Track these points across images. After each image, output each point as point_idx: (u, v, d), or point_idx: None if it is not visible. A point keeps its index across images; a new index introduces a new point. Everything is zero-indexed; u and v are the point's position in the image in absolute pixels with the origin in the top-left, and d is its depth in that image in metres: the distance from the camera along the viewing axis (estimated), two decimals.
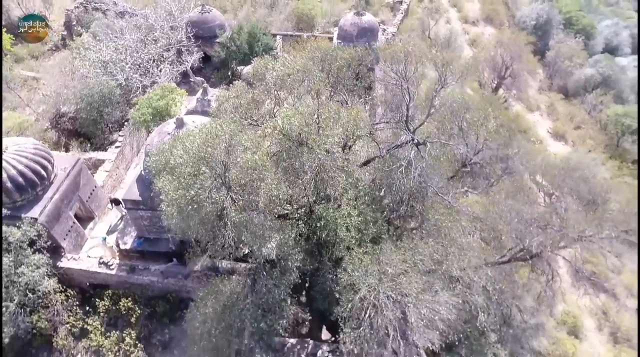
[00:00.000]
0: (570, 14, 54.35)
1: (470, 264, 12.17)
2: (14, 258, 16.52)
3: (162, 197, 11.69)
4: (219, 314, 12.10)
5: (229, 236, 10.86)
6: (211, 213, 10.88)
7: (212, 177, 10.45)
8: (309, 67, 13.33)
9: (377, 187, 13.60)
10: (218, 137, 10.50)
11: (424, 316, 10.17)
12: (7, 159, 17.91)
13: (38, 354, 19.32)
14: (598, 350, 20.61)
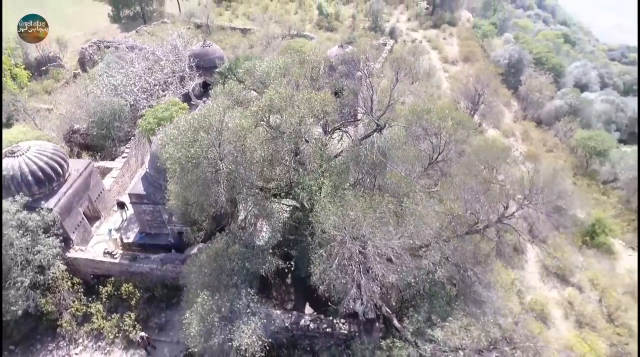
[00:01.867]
0: (540, 55, 59.58)
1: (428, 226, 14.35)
2: (32, 239, 18.57)
3: (167, 164, 14.06)
4: (211, 259, 14.06)
5: (222, 190, 13.17)
6: (207, 169, 13.23)
7: (208, 140, 12.96)
8: (289, 65, 16.39)
9: (346, 165, 16.08)
10: (214, 111, 13.17)
11: (379, 250, 12.27)
12: (30, 156, 20.48)
13: (43, 339, 20.72)
14: (564, 335, 22.13)
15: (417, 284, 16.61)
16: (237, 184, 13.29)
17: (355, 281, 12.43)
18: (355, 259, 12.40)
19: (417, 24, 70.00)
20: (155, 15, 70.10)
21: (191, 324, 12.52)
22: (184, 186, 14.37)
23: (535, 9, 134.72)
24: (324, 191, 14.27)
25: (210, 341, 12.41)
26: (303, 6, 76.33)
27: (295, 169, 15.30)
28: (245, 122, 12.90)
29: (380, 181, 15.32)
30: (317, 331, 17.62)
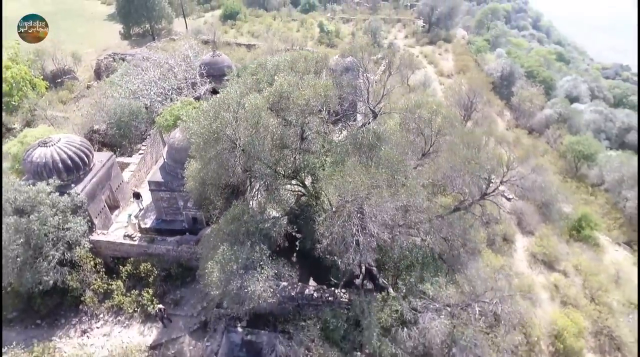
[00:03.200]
0: (531, 68, 62.52)
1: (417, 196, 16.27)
2: (62, 218, 20.54)
3: (192, 139, 16.13)
4: (229, 222, 15.96)
5: (238, 162, 15.20)
6: (225, 144, 15.27)
7: (227, 117, 15.04)
8: (296, 59, 18.71)
9: (346, 147, 18.14)
10: (232, 93, 15.34)
11: (374, 211, 14.18)
12: (60, 146, 22.68)
13: (66, 314, 22.43)
14: (549, 312, 23.76)
15: (410, 255, 18.54)
16: (251, 157, 15.34)
17: (354, 237, 14.33)
18: (354, 220, 14.33)
19: (414, 41, 73.36)
20: (163, 32, 73.69)
21: (212, 273, 14.34)
22: (204, 162, 16.44)
23: (530, 29, 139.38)
24: (326, 167, 16.34)
25: (229, 286, 14.25)
26: (305, 24, 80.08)
27: (301, 153, 17.37)
28: (260, 102, 15.06)
29: (375, 161, 17.37)
30: (320, 299, 19.40)
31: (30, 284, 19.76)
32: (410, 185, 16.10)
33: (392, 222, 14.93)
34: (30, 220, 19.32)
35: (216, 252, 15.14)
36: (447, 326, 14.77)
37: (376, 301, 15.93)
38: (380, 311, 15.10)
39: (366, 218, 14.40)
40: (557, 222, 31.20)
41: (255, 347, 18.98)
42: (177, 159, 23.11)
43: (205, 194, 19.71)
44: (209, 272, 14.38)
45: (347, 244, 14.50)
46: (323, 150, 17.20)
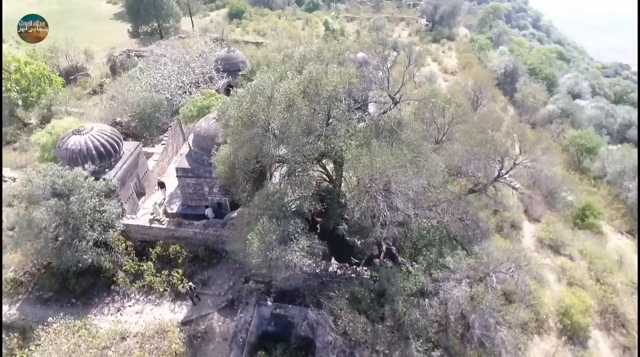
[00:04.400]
0: (533, 66, 63.90)
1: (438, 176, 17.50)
2: (98, 201, 21.73)
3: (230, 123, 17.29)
4: (263, 199, 17.16)
5: (271, 144, 16.41)
6: (260, 129, 16.46)
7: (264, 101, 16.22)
8: (322, 50, 19.96)
9: (369, 132, 19.34)
10: (267, 79, 16.57)
11: (400, 188, 15.40)
12: (93, 134, 23.89)
13: (99, 294, 23.58)
14: (556, 291, 25.01)
15: (428, 235, 19.76)
16: (282, 141, 16.54)
17: (382, 212, 15.53)
18: (381, 196, 15.53)
19: (418, 39, 74.68)
20: (171, 31, 74.92)
21: (253, 243, 15.53)
22: (238, 146, 17.64)
23: (530, 29, 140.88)
24: (351, 149, 17.54)
25: (268, 254, 15.46)
26: (310, 23, 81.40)
27: (326, 137, 18.55)
28: (294, 87, 16.27)
29: (397, 144, 18.59)
30: (343, 276, 20.61)
31: (70, 263, 20.92)
32: (430, 165, 17.33)
33: (416, 200, 16.15)
34: (70, 202, 20.49)
35: (251, 226, 16.35)
36: (468, 292, 15.99)
37: (401, 272, 17.14)
38: (405, 280, 16.30)
39: (393, 195, 15.61)
40: (562, 210, 32.54)
41: (283, 321, 20.17)
42: (203, 146, 24.33)
43: (234, 178, 20.93)
44: (249, 243, 15.56)
45: (375, 219, 15.72)
46: (348, 135, 18.39)
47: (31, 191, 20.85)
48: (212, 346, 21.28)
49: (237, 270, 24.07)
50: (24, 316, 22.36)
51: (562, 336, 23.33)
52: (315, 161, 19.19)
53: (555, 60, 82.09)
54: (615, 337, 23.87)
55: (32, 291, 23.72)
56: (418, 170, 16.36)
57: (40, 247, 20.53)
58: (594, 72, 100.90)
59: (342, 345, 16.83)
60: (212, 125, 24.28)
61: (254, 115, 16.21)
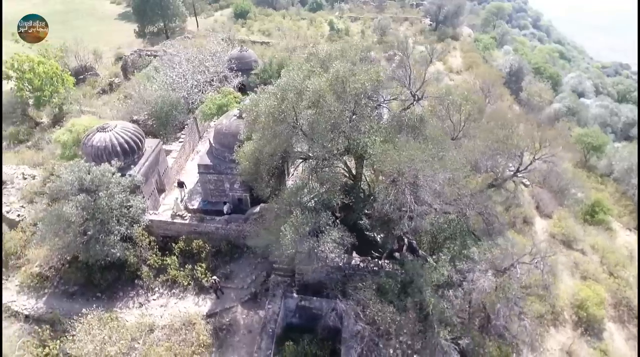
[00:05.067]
0: (538, 65, 64.49)
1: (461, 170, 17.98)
2: (125, 197, 22.18)
3: (262, 118, 17.75)
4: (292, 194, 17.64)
5: (301, 137, 16.89)
6: (289, 122, 16.92)
7: (295, 98, 16.69)
8: (346, 49, 20.48)
9: (392, 128, 19.81)
10: (297, 77, 17.03)
11: (428, 178, 15.90)
12: (117, 132, 24.36)
13: (124, 288, 24.01)
14: (570, 285, 25.54)
15: (449, 228, 20.24)
16: (314, 136, 17.01)
17: (408, 205, 16.03)
18: (408, 189, 16.03)
19: (423, 39, 75.18)
20: (177, 31, 75.35)
21: (286, 234, 15.99)
22: (267, 140, 18.13)
23: (530, 29, 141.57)
24: (377, 145, 18.01)
25: (302, 246, 15.95)
26: (314, 23, 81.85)
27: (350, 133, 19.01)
28: (323, 85, 16.75)
29: (421, 139, 19.11)
30: (366, 269, 21.05)
31: (99, 257, 21.37)
32: (454, 160, 17.84)
33: (441, 193, 16.65)
34: (99, 197, 20.94)
35: (281, 220, 16.85)
36: (494, 282, 16.50)
37: (427, 264, 17.63)
38: (433, 271, 16.77)
39: (420, 188, 16.12)
40: (573, 206, 33.05)
41: (308, 312, 20.62)
42: (224, 143, 24.80)
43: (258, 173, 21.44)
44: (282, 234, 16.04)
45: (403, 211, 16.22)
46: (372, 131, 18.86)
47: (60, 187, 21.27)
48: (237, 338, 21.75)
49: (258, 264, 24.56)
50: (51, 309, 22.79)
51: (577, 328, 23.86)
52: (341, 155, 19.64)
53: (558, 59, 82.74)
54: (629, 329, 24.42)
55: (58, 285, 24.15)
56: (444, 165, 16.86)
57: (69, 241, 20.94)
58: (595, 72, 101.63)
59: (370, 334, 17.30)
60: (233, 123, 24.76)
61: (285, 111, 16.68)
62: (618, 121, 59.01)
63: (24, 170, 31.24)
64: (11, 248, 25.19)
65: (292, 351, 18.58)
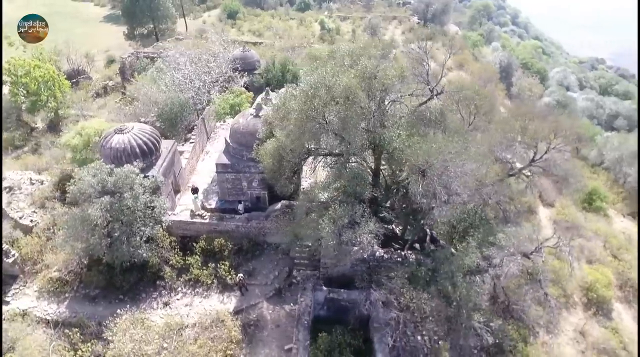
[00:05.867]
0: (526, 60, 66.38)
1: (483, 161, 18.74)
2: (149, 197, 22.23)
3: (292, 115, 18.13)
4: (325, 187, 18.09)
5: (331, 134, 17.38)
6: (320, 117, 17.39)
7: (326, 95, 17.14)
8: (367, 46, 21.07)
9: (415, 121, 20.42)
10: (327, 74, 17.52)
11: (457, 169, 16.59)
12: (135, 133, 24.37)
13: (146, 289, 24.04)
14: (578, 269, 26.66)
15: (468, 218, 21.01)
16: (344, 131, 17.52)
17: (438, 195, 16.71)
18: (437, 179, 16.70)
19: (412, 36, 76.40)
20: (167, 32, 74.65)
21: (325, 227, 16.45)
22: (296, 136, 18.55)
23: (510, 26, 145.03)
24: (400, 139, 18.63)
25: (342, 237, 16.45)
26: (304, 22, 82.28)
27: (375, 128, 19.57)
28: (353, 82, 17.25)
29: (442, 132, 19.82)
30: (390, 260, 21.70)
31: (125, 258, 21.40)
32: (477, 151, 18.60)
33: (468, 183, 17.39)
34: (124, 198, 20.97)
35: (315, 213, 17.34)
36: (522, 266, 17.33)
37: (457, 251, 18.34)
38: (464, 258, 17.47)
39: (450, 178, 16.81)
40: (573, 194, 34.41)
41: (336, 305, 21.10)
42: (242, 142, 25.06)
43: (281, 170, 21.85)
44: (321, 227, 16.50)
45: (434, 201, 16.89)
46: (396, 126, 19.48)
47: (83, 190, 21.20)
48: (265, 333, 22.09)
49: (280, 260, 24.93)
50: (75, 313, 22.71)
51: (587, 310, 25.00)
52: (367, 148, 20.15)
53: (542, 55, 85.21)
54: (635, 309, 25.69)
55: (78, 289, 24.04)
56: (470, 156, 17.59)
57: (94, 243, 20.89)
58: (574, 67, 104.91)
59: (405, 321, 17.90)
60: (250, 122, 25.04)
61: (317, 108, 17.14)
62: (603, 113, 61.30)
63: (30, 176, 30.82)
64: (28, 254, 24.94)
65: (326, 341, 19.04)
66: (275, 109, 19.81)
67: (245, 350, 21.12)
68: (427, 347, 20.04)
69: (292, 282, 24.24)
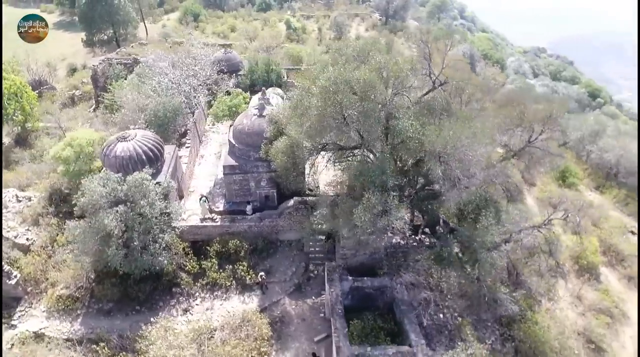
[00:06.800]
0: (485, 51, 70.01)
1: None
2: (164, 203, 21.88)
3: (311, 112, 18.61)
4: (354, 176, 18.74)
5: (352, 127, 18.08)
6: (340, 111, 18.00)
7: (346, 90, 17.76)
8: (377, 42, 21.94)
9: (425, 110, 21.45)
10: (345, 70, 18.14)
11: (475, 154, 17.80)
12: (139, 140, 23.85)
13: (162, 297, 23.64)
14: (565, 240, 28.98)
15: (475, 200, 22.39)
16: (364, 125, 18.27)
17: (456, 179, 17.89)
18: (458, 165, 17.84)
19: (376, 33, 78.31)
20: (129, 37, 72.03)
21: (361, 216, 17.10)
22: (316, 131, 19.08)
23: (459, 20, 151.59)
24: (413, 127, 19.62)
25: (377, 224, 17.13)
26: (268, 23, 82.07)
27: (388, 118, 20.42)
28: (371, 76, 17.99)
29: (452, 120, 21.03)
30: (406, 246, 22.73)
31: (146, 266, 21.02)
32: (485, 135, 19.95)
33: (483, 166, 18.69)
34: (141, 205, 20.58)
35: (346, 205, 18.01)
36: (537, 237, 18.85)
37: (478, 230, 19.55)
38: (486, 234, 18.72)
39: (469, 162, 18.00)
40: (551, 173, 37.15)
41: (360, 293, 21.72)
42: (249, 142, 25.17)
43: (295, 167, 22.34)
44: (357, 216, 17.14)
45: (452, 183, 18.06)
46: (406, 116, 20.44)
47: (94, 201, 20.59)
48: (292, 327, 22.47)
49: (295, 256, 25.32)
50: (91, 329, 22.03)
51: (579, 276, 27.26)
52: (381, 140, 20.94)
53: (496, 45, 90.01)
54: (619, 271, 28.35)
55: (90, 304, 23.31)
56: (482, 140, 18.88)
57: (111, 254, 20.35)
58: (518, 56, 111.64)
59: (435, 300, 18.93)
60: (255, 122, 25.18)
61: (340, 102, 17.75)
62: (557, 97, 65.86)
63: (15, 193, 29.20)
64: (30, 273, 23.79)
65: (359, 327, 19.72)
66: (293, 107, 20.20)
67: (276, 346, 21.42)
68: (450, 324, 21.24)
69: (310, 276, 24.75)
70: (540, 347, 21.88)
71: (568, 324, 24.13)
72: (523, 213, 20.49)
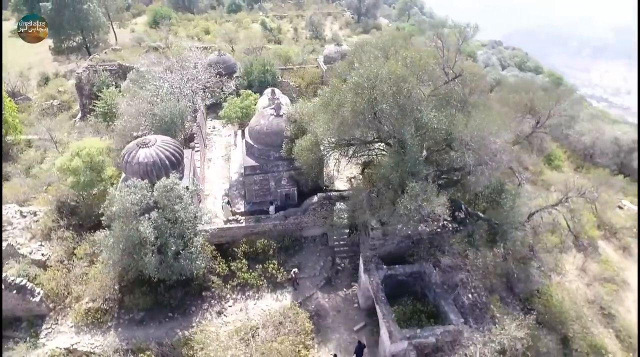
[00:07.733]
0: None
1: None
2: (196, 207, 21.79)
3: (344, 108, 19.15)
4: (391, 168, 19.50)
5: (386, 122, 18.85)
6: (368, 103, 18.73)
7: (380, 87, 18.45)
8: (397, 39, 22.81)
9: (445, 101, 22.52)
10: (374, 67, 18.84)
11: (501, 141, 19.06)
12: (160, 146, 23.54)
13: (194, 302, 23.50)
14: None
15: (490, 185, 23.74)
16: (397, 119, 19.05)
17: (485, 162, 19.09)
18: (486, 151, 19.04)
19: (350, 31, 79.63)
20: (100, 43, 69.43)
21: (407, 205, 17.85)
22: (348, 127, 19.71)
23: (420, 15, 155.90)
24: (437, 118, 20.65)
25: (421, 212, 17.98)
26: (242, 24, 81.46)
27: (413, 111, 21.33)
28: (401, 70, 18.81)
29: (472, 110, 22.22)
30: (431, 233, 23.75)
31: (184, 272, 20.88)
32: (506, 123, 21.29)
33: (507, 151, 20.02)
34: (175, 210, 20.45)
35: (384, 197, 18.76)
36: (556, 215, 20.41)
37: (505, 211, 20.82)
38: (514, 215, 20.03)
39: (497, 149, 19.22)
40: (540, 157, 39.49)
41: (393, 280, 22.51)
42: (268, 142, 25.43)
43: (321, 163, 22.87)
44: (403, 206, 17.91)
45: (481, 168, 19.25)
46: (428, 108, 21.44)
47: (126, 209, 20.24)
48: (329, 320, 23.01)
49: (321, 251, 25.85)
50: (127, 339, 21.64)
51: (580, 251, 29.31)
52: None
53: None
54: (613, 243, 30.70)
55: (120, 315, 22.84)
56: (504, 127, 20.17)
57: (148, 262, 20.11)
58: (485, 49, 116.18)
59: (473, 280, 20.04)
60: (273, 122, 25.46)
61: (376, 97, 18.46)
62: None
63: (18, 209, 27.97)
64: (53, 289, 23.01)
65: (400, 312, 20.55)
66: (325, 104, 20.69)
67: (317, 339, 21.88)
68: (480, 302, 22.47)
69: (338, 269, 25.34)
70: (559, 317, 23.57)
71: (579, 295, 26.01)
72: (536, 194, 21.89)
